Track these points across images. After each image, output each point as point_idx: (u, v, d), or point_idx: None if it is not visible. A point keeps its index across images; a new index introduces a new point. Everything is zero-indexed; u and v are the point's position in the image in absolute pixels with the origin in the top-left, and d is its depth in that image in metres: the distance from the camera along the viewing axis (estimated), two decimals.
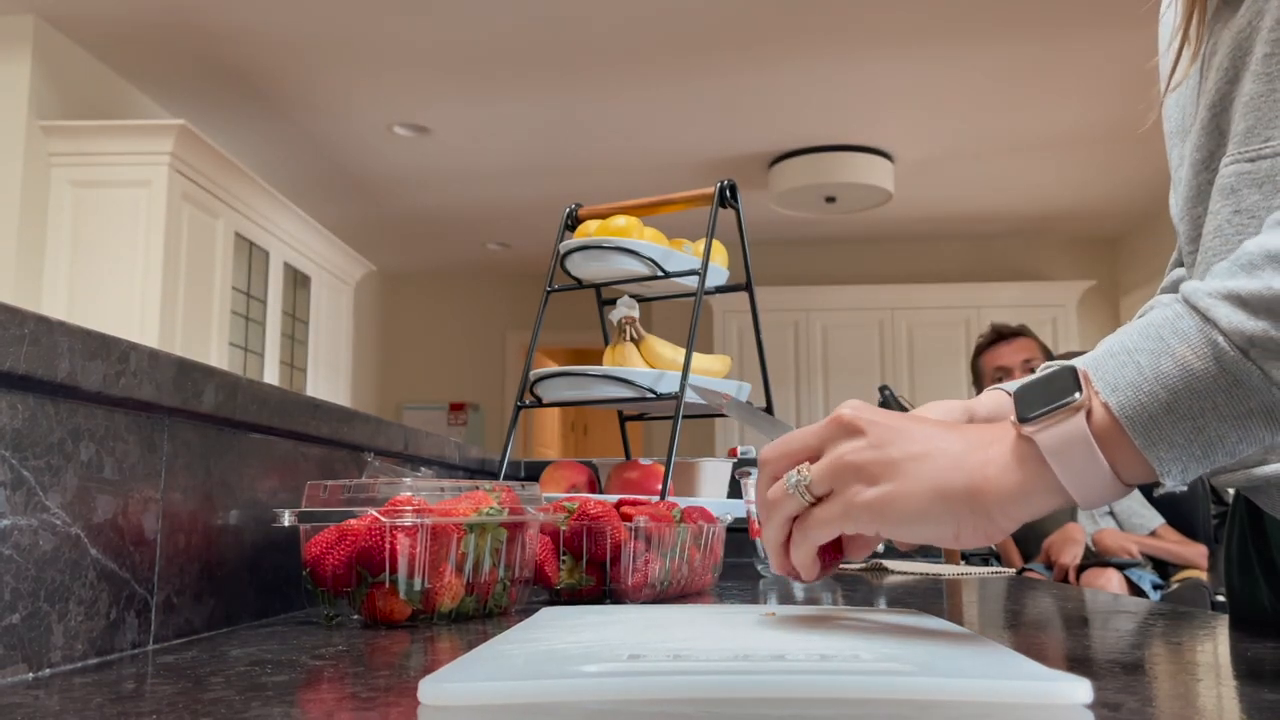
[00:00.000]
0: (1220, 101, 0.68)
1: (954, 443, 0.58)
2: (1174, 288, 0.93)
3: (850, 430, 0.60)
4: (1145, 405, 0.52)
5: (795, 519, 0.62)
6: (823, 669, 0.48)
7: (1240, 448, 0.52)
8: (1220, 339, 0.52)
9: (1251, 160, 0.64)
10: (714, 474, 1.39)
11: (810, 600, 1.05)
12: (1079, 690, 0.44)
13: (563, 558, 0.95)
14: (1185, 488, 0.54)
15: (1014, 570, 2.32)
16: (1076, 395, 0.54)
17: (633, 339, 1.28)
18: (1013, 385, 0.81)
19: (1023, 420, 0.56)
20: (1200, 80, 0.71)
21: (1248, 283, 0.52)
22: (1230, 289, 0.53)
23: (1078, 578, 3.35)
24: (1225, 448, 0.52)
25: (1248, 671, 0.59)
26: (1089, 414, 0.54)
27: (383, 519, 0.76)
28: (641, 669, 0.49)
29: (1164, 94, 0.76)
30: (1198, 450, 0.52)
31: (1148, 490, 3.78)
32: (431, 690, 0.46)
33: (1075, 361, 0.58)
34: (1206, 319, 0.52)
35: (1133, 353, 0.54)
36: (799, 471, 0.61)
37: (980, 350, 2.95)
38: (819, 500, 0.60)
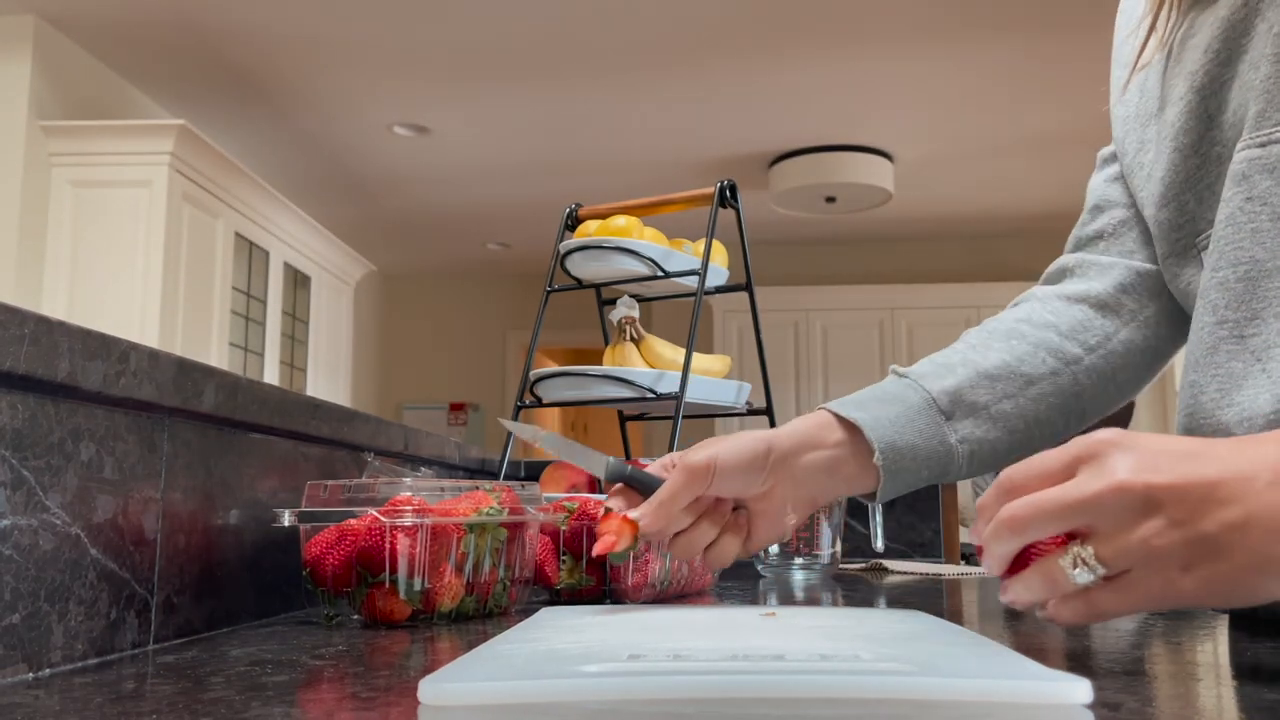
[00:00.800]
0: (1210, 84, 0.67)
1: (1268, 495, 0.47)
2: (1059, 276, 0.90)
3: (1144, 507, 0.48)
4: None
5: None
6: (823, 669, 0.48)
7: None
8: None
9: (1262, 145, 0.63)
10: None
11: (810, 600, 1.05)
12: (1079, 690, 0.44)
13: (563, 558, 0.95)
14: None
15: None
16: None
17: (633, 339, 1.28)
18: (836, 404, 0.78)
19: None
20: (1168, 63, 0.71)
21: None
22: None
23: None
24: None
25: (1248, 671, 0.59)
26: None
27: (383, 519, 0.76)
28: (641, 669, 0.49)
29: (1129, 75, 0.75)
30: None
31: None
32: (431, 690, 0.46)
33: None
34: None
35: None
36: (1087, 567, 0.50)
37: None
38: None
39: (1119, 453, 0.49)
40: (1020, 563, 0.54)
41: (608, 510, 0.80)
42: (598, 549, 0.74)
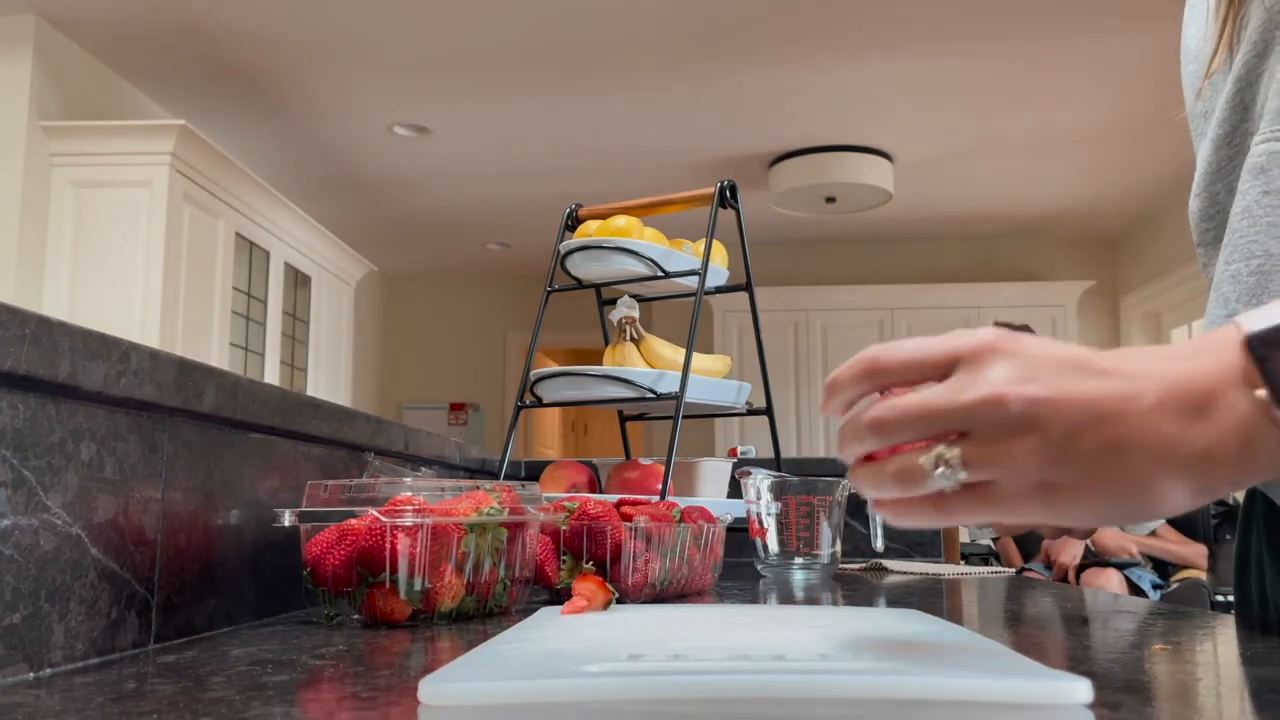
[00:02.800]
0: (1246, 76, 0.67)
1: (1159, 420, 0.45)
2: None
3: (1017, 424, 0.45)
4: None
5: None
6: (822, 669, 0.48)
7: None
8: None
9: None
10: (714, 474, 1.39)
11: (810, 600, 1.05)
12: (1079, 689, 0.45)
13: (563, 558, 0.95)
14: None
15: (1014, 570, 2.32)
16: None
17: (633, 339, 1.28)
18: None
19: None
20: (1230, 59, 0.70)
21: None
22: None
23: (1077, 577, 3.35)
24: None
25: (1248, 671, 0.59)
26: None
27: (383, 519, 0.76)
28: (641, 669, 0.49)
29: (1204, 78, 0.73)
30: None
31: None
32: (431, 690, 0.46)
33: None
34: None
35: None
36: (949, 466, 0.46)
37: None
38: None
39: (999, 359, 0.46)
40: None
41: (584, 572, 0.81)
42: (566, 610, 0.75)
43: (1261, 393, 0.44)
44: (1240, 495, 0.84)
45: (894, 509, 0.49)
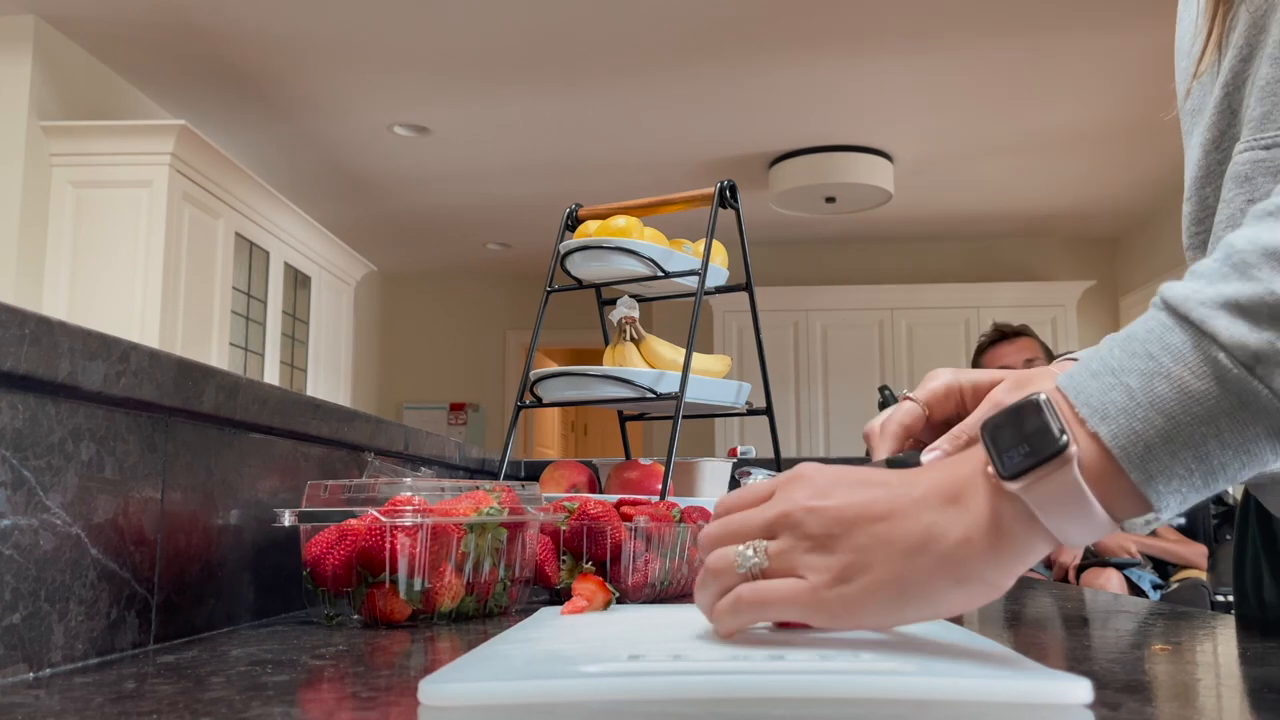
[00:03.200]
0: (1233, 80, 0.67)
1: (919, 512, 0.51)
2: None
3: (791, 526, 0.54)
4: (1140, 434, 0.47)
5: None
6: (822, 669, 0.48)
7: (1243, 474, 0.48)
8: (1221, 356, 0.46)
9: (1267, 148, 0.62)
10: (714, 474, 1.39)
11: None
12: (1079, 690, 0.44)
13: (563, 558, 0.95)
14: (1180, 521, 0.49)
15: None
16: (1064, 439, 0.48)
17: (633, 339, 1.28)
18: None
19: (1006, 478, 0.49)
20: (1219, 60, 0.70)
21: (1245, 288, 0.47)
22: (1227, 296, 0.47)
23: (1077, 577, 3.35)
24: (1228, 475, 0.47)
25: (1248, 671, 0.59)
26: (1080, 460, 0.48)
27: (383, 519, 0.76)
28: (641, 669, 0.49)
29: (1191, 79, 0.73)
30: (1198, 480, 0.47)
31: None
32: (431, 690, 0.46)
33: (1052, 382, 0.51)
34: (1202, 333, 0.47)
35: (1119, 373, 0.48)
36: (754, 552, 0.54)
37: (982, 349, 2.95)
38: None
39: (800, 483, 0.55)
40: None
41: (584, 572, 0.82)
42: (566, 609, 0.75)
43: (991, 469, 0.50)
44: (1239, 494, 0.84)
45: (716, 608, 0.56)
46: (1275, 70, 0.62)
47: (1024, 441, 0.49)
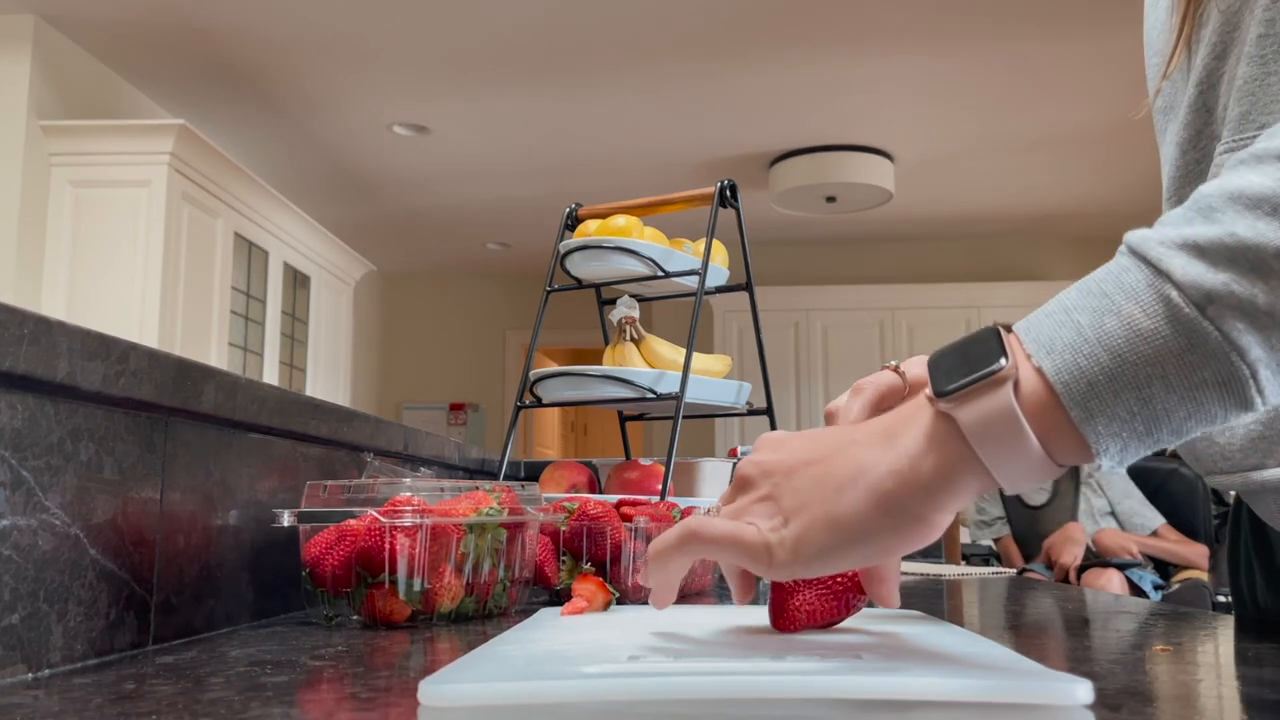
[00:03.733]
0: (1208, 78, 0.66)
1: (855, 450, 0.52)
2: None
3: (743, 484, 0.55)
4: (1085, 370, 0.46)
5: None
6: (823, 669, 0.48)
7: (1188, 425, 0.46)
8: (1174, 294, 0.45)
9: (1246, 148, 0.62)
10: (714, 474, 1.39)
11: None
12: (1079, 690, 0.44)
13: (563, 558, 0.95)
14: (1121, 469, 0.49)
15: (1015, 571, 2.32)
16: (1002, 361, 0.47)
17: (633, 339, 1.28)
18: None
19: (940, 395, 0.49)
20: (1190, 57, 0.69)
21: (1206, 229, 0.46)
22: (1187, 237, 0.46)
23: (1078, 578, 3.35)
24: (1172, 424, 0.46)
25: (1249, 672, 0.59)
26: (1017, 385, 0.47)
27: (382, 519, 0.76)
28: (641, 670, 0.49)
29: (1161, 78, 0.73)
30: (1140, 426, 0.46)
31: (1149, 490, 3.78)
32: (431, 691, 0.46)
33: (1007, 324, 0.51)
34: (1158, 271, 0.46)
35: (1071, 311, 0.48)
36: (708, 509, 0.57)
37: None
38: None
39: (756, 449, 0.57)
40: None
41: (584, 572, 0.82)
42: (565, 610, 0.75)
43: (929, 392, 0.50)
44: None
45: (660, 539, 0.58)
46: (1253, 69, 0.61)
47: (965, 364, 0.49)
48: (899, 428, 0.51)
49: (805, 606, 0.61)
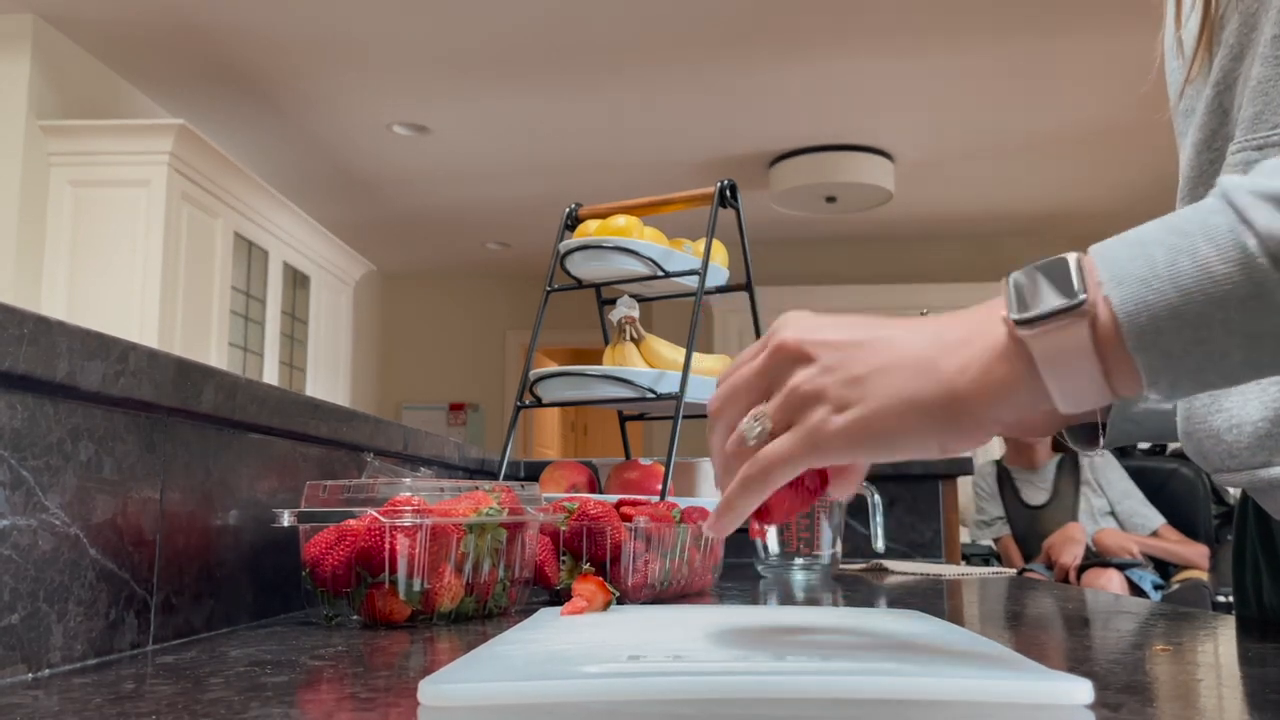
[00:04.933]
0: (1224, 79, 0.66)
1: (923, 345, 0.52)
2: None
3: (798, 358, 0.53)
4: (1150, 304, 0.47)
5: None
6: (823, 669, 0.48)
7: (1242, 373, 0.47)
8: (1252, 242, 0.46)
9: (1259, 148, 0.62)
10: (714, 474, 1.39)
11: (811, 601, 1.05)
12: (1079, 690, 0.44)
13: (563, 558, 0.95)
14: (1170, 404, 0.49)
15: (1015, 571, 2.32)
16: (1082, 297, 0.48)
17: (633, 339, 1.28)
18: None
19: (1021, 323, 0.50)
20: (1209, 60, 0.69)
21: None
22: (1275, 190, 0.46)
23: (1078, 578, 3.35)
24: (1225, 370, 0.47)
25: (1249, 672, 0.59)
26: (1094, 320, 0.48)
27: (382, 519, 0.76)
28: (642, 669, 0.49)
29: (1185, 82, 0.73)
30: (1193, 364, 0.47)
31: (1149, 490, 3.77)
32: (431, 691, 0.46)
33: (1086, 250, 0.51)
34: (1243, 219, 0.46)
35: (1149, 245, 0.49)
36: (757, 419, 0.53)
37: None
38: None
39: (787, 324, 0.54)
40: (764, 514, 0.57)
41: (584, 572, 0.82)
42: (565, 610, 0.75)
43: (1004, 312, 0.50)
44: (1239, 494, 0.84)
45: (737, 485, 0.54)
46: (1267, 70, 0.62)
47: (1044, 292, 0.49)
48: (969, 332, 0.52)
49: (777, 504, 0.59)
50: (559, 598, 0.95)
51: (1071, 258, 0.51)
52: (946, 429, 0.51)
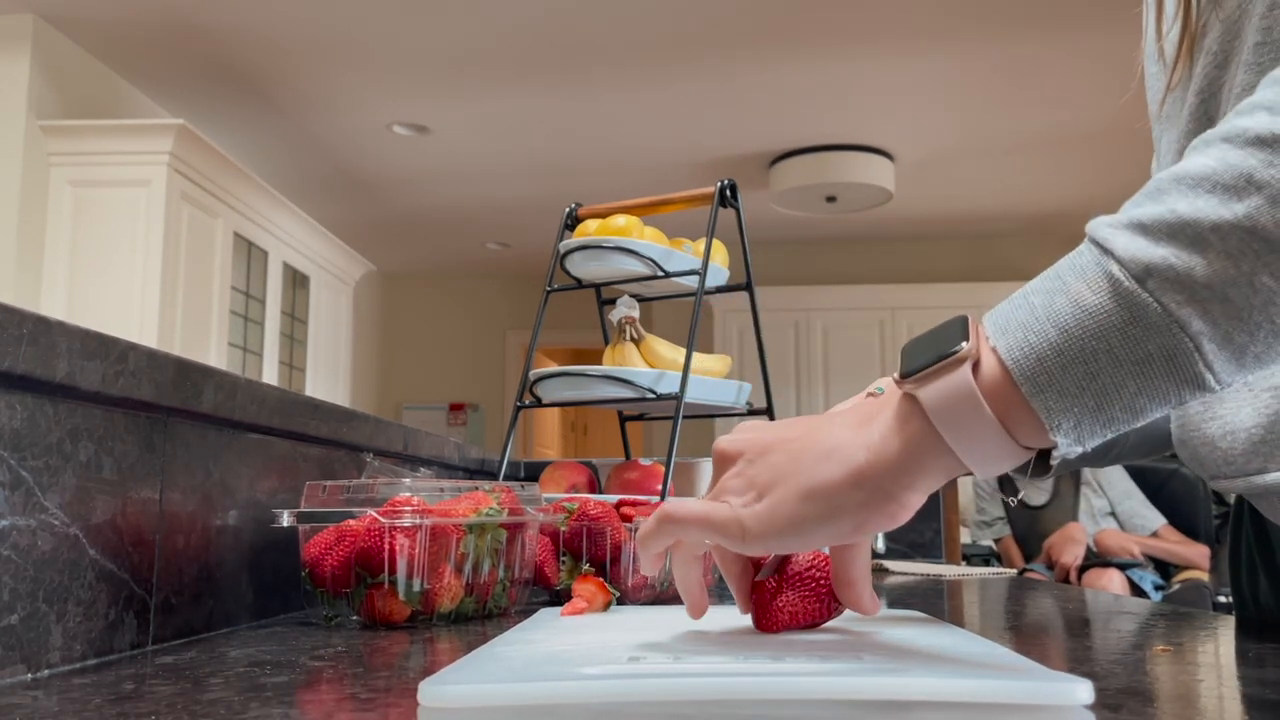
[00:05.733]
0: (1209, 87, 0.66)
1: (831, 429, 0.53)
2: None
3: (729, 459, 0.57)
4: (1034, 346, 0.47)
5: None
6: (824, 670, 0.48)
7: (1141, 402, 0.47)
8: (1115, 269, 0.47)
9: None
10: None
11: None
12: (1080, 691, 0.44)
13: (562, 558, 0.95)
14: (1079, 451, 0.48)
15: (1015, 571, 2.33)
16: (963, 344, 0.49)
17: (633, 339, 1.28)
18: None
19: (904, 376, 0.51)
20: (1190, 67, 0.70)
21: (1151, 208, 0.48)
22: (1133, 217, 0.48)
23: (1079, 578, 3.35)
24: (1123, 401, 0.47)
25: (1249, 672, 0.59)
26: (976, 365, 0.49)
27: (382, 520, 0.76)
28: (642, 671, 0.49)
29: (1166, 90, 0.74)
30: (1090, 401, 0.47)
31: (1150, 490, 3.77)
32: (431, 692, 0.46)
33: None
34: (1104, 249, 0.48)
35: (1029, 294, 0.50)
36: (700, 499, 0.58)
37: None
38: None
39: (736, 429, 0.59)
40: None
41: (584, 573, 0.82)
42: (566, 611, 0.75)
43: (896, 375, 0.52)
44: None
45: (641, 530, 0.59)
46: (1251, 76, 0.62)
47: (931, 348, 0.51)
48: (874, 411, 0.53)
49: (788, 608, 0.61)
50: (559, 598, 0.95)
51: (964, 318, 0.52)
52: (859, 509, 0.51)
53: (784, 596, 0.62)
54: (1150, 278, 0.46)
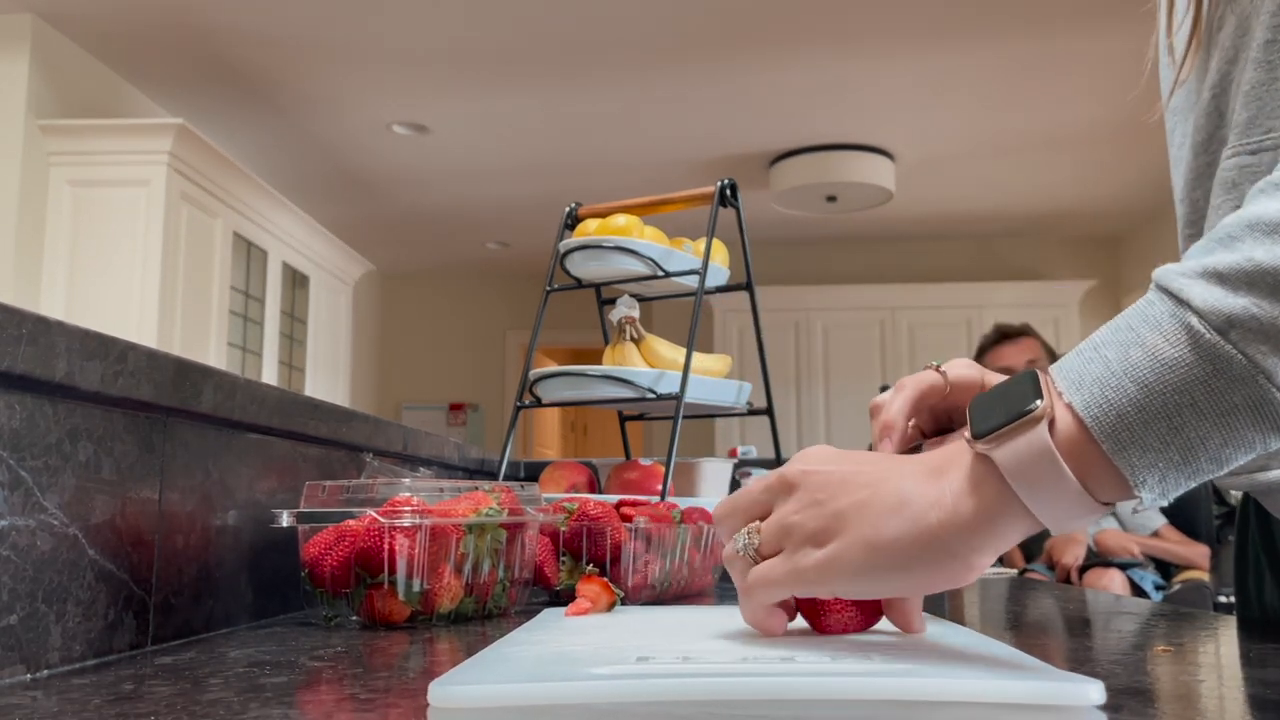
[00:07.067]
0: (1220, 82, 0.66)
1: (901, 481, 0.51)
2: None
3: (787, 488, 0.55)
4: (1113, 402, 0.46)
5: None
6: (832, 670, 0.48)
7: (1226, 453, 0.46)
8: (1195, 321, 0.45)
9: (1253, 153, 0.62)
10: (714, 474, 1.39)
11: None
12: (1091, 691, 0.44)
13: (562, 558, 0.95)
14: (1167, 502, 0.47)
15: (1016, 571, 2.32)
16: (1037, 402, 0.48)
17: (633, 339, 1.28)
18: None
19: (977, 436, 0.49)
20: (1206, 61, 0.70)
21: (1225, 256, 0.46)
22: (1207, 266, 0.46)
23: (1080, 578, 3.35)
24: (1209, 452, 0.46)
25: (1250, 673, 0.59)
26: (1051, 423, 0.47)
27: (381, 520, 0.76)
28: (651, 671, 0.49)
29: (1175, 83, 0.73)
30: (1176, 455, 0.45)
31: None
32: (441, 693, 0.45)
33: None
34: (1179, 300, 0.46)
35: (1100, 347, 0.48)
36: (748, 534, 0.56)
37: (984, 350, 2.96)
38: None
39: (799, 458, 0.57)
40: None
41: (588, 573, 0.82)
42: (570, 611, 0.75)
43: (967, 434, 0.50)
44: (1240, 495, 0.84)
45: (744, 607, 0.58)
46: (1260, 74, 0.62)
47: (1002, 407, 0.49)
48: (945, 465, 0.51)
49: (839, 617, 0.60)
50: (558, 598, 0.94)
51: (1029, 372, 0.51)
52: (925, 570, 0.50)
53: (834, 612, 0.60)
54: (1233, 329, 0.45)
